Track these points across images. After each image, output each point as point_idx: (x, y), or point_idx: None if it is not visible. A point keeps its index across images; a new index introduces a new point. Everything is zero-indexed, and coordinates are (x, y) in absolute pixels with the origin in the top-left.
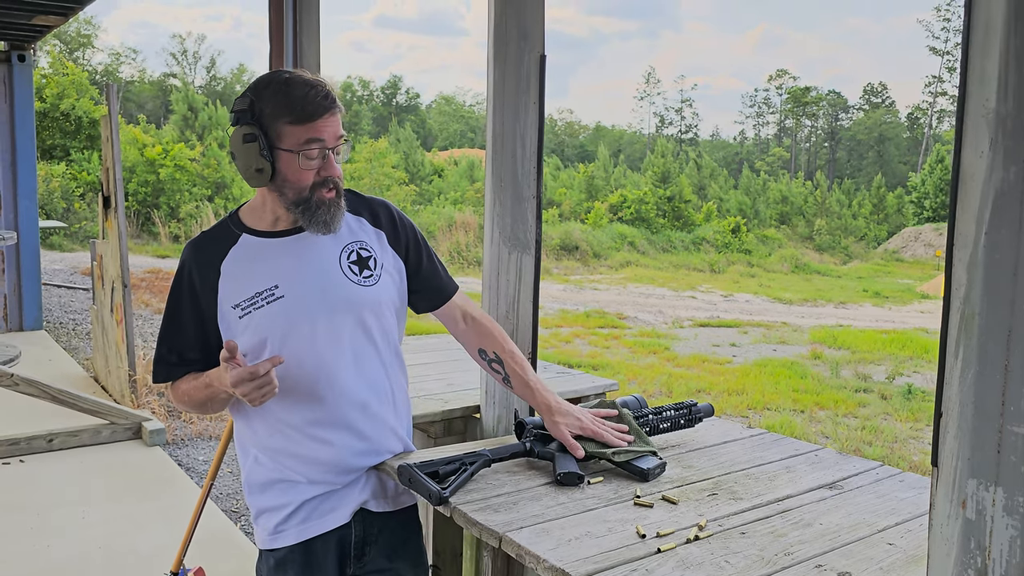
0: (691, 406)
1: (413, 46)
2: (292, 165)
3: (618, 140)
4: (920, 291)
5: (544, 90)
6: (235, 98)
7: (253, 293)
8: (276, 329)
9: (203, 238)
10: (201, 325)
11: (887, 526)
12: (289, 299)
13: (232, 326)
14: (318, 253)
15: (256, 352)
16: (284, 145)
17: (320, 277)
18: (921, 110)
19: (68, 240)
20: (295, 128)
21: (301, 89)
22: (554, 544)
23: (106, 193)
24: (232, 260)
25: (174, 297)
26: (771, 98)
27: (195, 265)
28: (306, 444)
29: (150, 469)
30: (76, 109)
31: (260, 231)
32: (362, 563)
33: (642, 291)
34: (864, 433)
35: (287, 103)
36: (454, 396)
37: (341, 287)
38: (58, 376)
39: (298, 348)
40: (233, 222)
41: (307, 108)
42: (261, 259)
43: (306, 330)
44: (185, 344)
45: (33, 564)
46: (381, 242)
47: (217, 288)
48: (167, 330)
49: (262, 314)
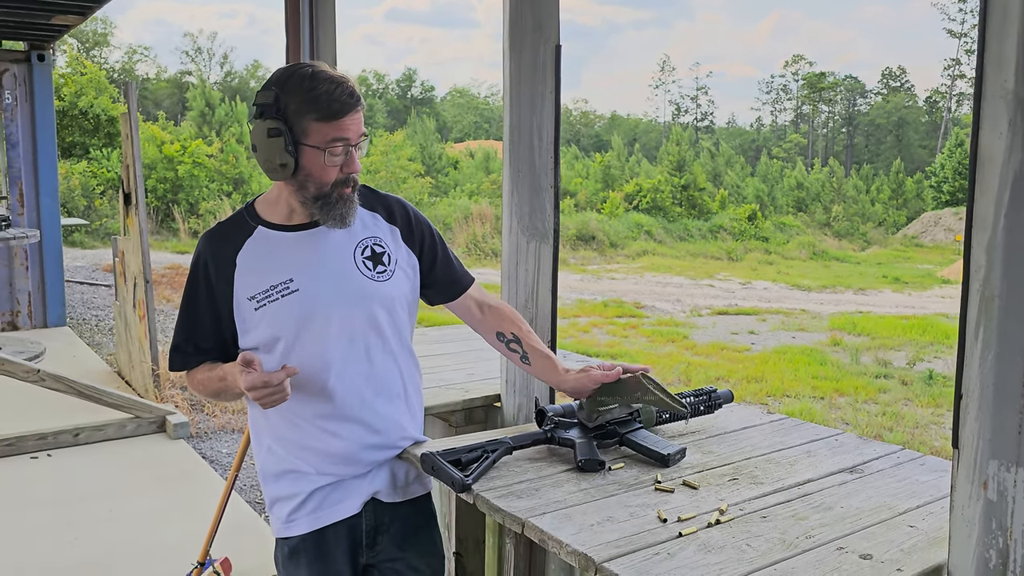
0: (711, 392)
1: (426, 39)
2: (316, 161)
3: (634, 129)
4: (940, 276)
5: (560, 80)
6: (257, 90)
7: (268, 286)
8: (290, 322)
9: (218, 230)
10: (216, 316)
11: (908, 509)
12: (304, 293)
13: (247, 318)
14: (333, 248)
15: (270, 344)
16: (309, 141)
17: (335, 272)
18: (940, 93)
19: (89, 237)
20: (321, 125)
21: (327, 85)
22: (576, 529)
23: (127, 190)
24: (248, 252)
25: (190, 288)
26: (788, 84)
27: (211, 257)
28: (317, 436)
29: (175, 462)
30: (95, 107)
31: (276, 224)
32: (374, 552)
33: (659, 280)
34: (885, 419)
35: (314, 100)
36: (474, 386)
37: (355, 282)
38: (82, 371)
39: (311, 342)
40: (249, 214)
41: (333, 106)
42: (276, 252)
43: (320, 324)
44: (200, 334)
45: (62, 557)
46: (395, 238)
47: (233, 280)
48: (183, 320)
49: (277, 307)
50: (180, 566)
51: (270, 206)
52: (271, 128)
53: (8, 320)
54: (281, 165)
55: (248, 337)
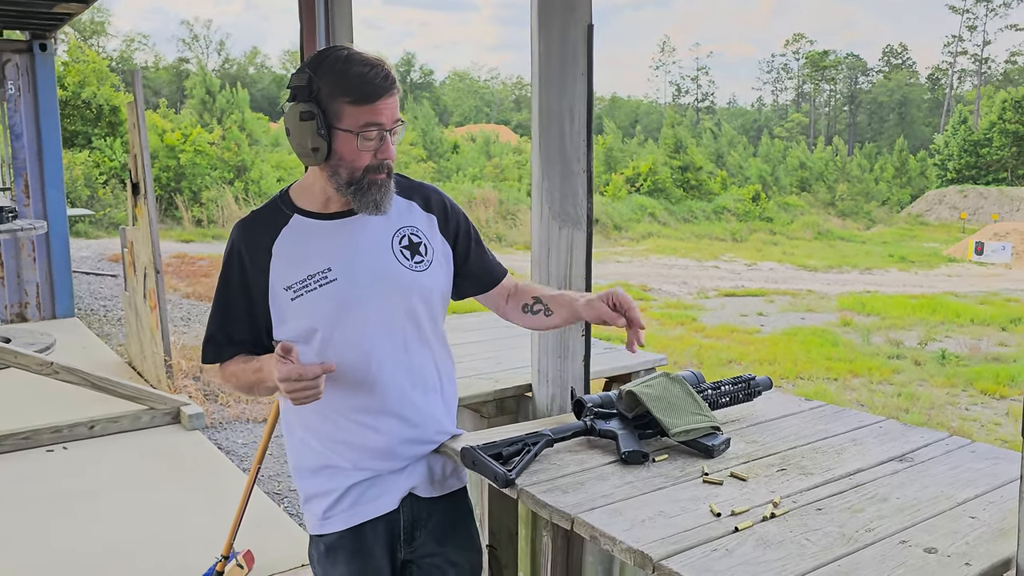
0: (749, 380)
1: (424, 22)
2: (349, 146)
3: (635, 111)
4: (946, 255)
5: (592, 61)
6: (292, 72)
7: (305, 275)
8: (327, 312)
9: (253, 218)
10: (251, 306)
11: (966, 499)
12: (342, 282)
13: (283, 307)
14: (370, 236)
15: (307, 335)
16: (342, 125)
17: (373, 261)
18: (941, 71)
19: (93, 227)
20: (354, 109)
21: (360, 68)
22: (628, 525)
23: (135, 179)
24: (284, 241)
25: (225, 278)
26: (788, 63)
27: (245, 245)
28: (354, 430)
29: (191, 453)
30: (97, 97)
31: (312, 212)
32: (412, 547)
33: (665, 262)
34: (901, 400)
35: (346, 82)
36: (504, 375)
37: (393, 272)
38: (93, 363)
39: (349, 332)
40: (284, 202)
41: (366, 89)
42: (313, 241)
43: (358, 314)
44: (235, 325)
45: (84, 548)
46: (432, 227)
47: (268, 269)
48: (217, 310)
49: (314, 297)
50: (202, 557)
51: (305, 193)
52: (304, 111)
53: (16, 312)
54: (313, 149)
55: (284, 328)
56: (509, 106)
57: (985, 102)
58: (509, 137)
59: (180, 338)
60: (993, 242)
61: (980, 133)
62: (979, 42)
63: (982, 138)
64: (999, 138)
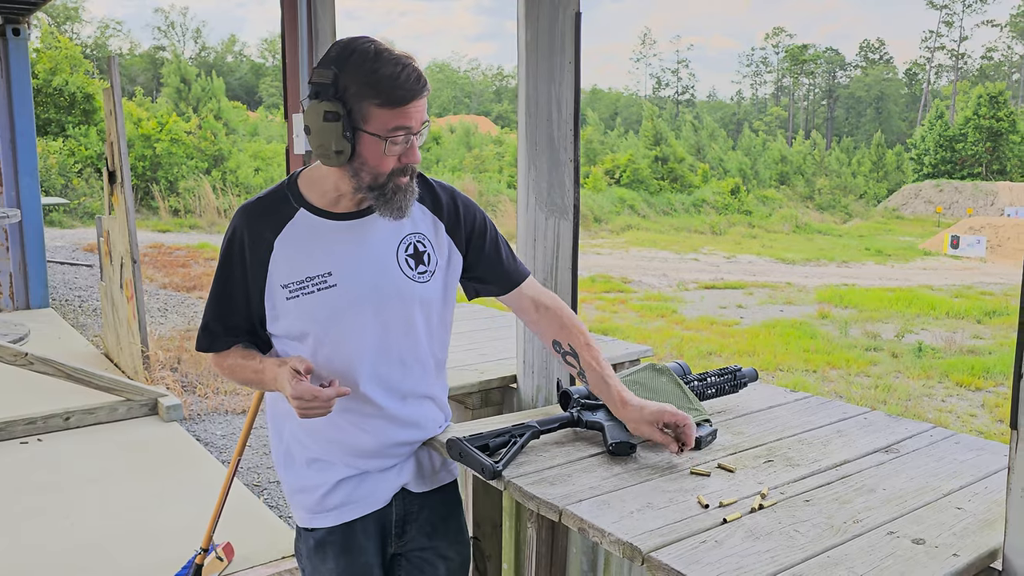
0: (735, 371)
1: (405, 12)
2: (375, 150)
3: (615, 103)
4: (922, 248)
5: (580, 49)
6: (316, 66)
7: (304, 277)
8: (323, 317)
9: (257, 206)
10: (247, 296)
11: (952, 490)
12: (341, 289)
13: (278, 305)
14: (376, 242)
15: (299, 336)
16: (369, 128)
17: (375, 270)
18: (919, 66)
19: (68, 216)
20: (383, 112)
21: (391, 68)
22: (616, 517)
23: (111, 168)
24: (287, 237)
25: (224, 265)
26: (768, 57)
27: (247, 235)
28: (345, 429)
29: (169, 445)
30: (70, 84)
31: (320, 209)
32: (403, 541)
33: (645, 254)
34: (878, 392)
35: (376, 84)
36: (489, 367)
37: (395, 281)
38: (68, 354)
39: (343, 338)
40: (292, 192)
41: (397, 92)
42: (317, 241)
43: (354, 322)
44: (231, 314)
45: (59, 543)
46: (438, 232)
47: (268, 264)
48: (216, 298)
49: (311, 300)
50: (179, 550)
51: (315, 186)
52: (328, 111)
53: None
54: (337, 152)
55: (277, 324)
56: (489, 97)
57: (961, 97)
58: (489, 128)
59: (157, 329)
60: (968, 236)
61: (956, 128)
62: (956, 37)
63: (957, 133)
64: (974, 133)
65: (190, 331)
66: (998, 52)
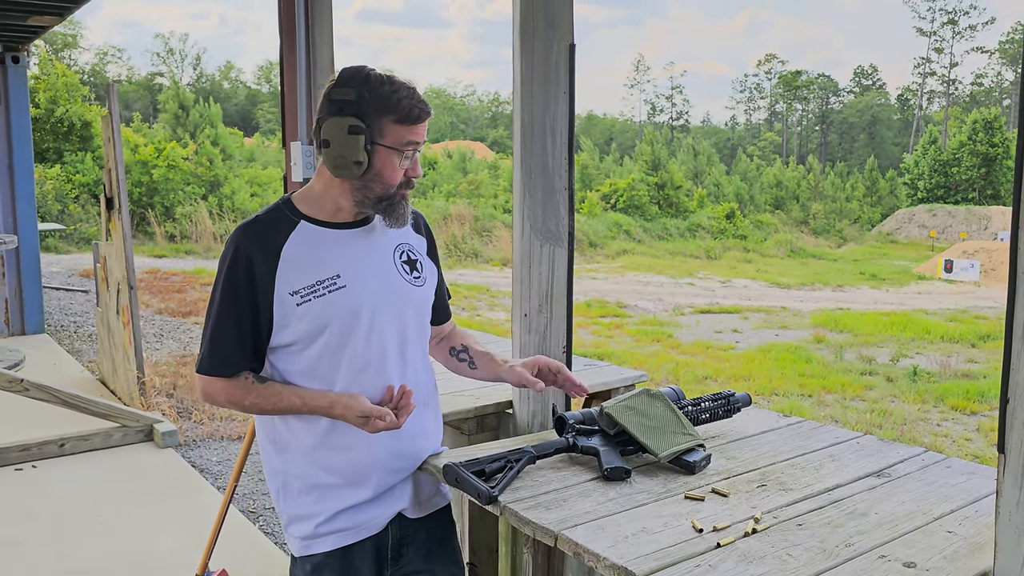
0: (729, 396)
1: (399, 39)
2: (389, 162)
3: (610, 128)
4: (916, 272)
5: (574, 80)
6: (329, 87)
7: (314, 281)
8: (336, 318)
9: (256, 223)
10: (255, 311)
11: (943, 513)
12: (351, 289)
13: (288, 313)
14: (376, 248)
15: (310, 339)
16: (386, 142)
17: (381, 271)
18: (911, 91)
19: (64, 242)
20: (399, 128)
21: (405, 91)
22: (611, 541)
23: (109, 194)
24: (293, 246)
25: (230, 284)
26: (761, 83)
27: (252, 249)
28: (347, 443)
29: (164, 471)
30: (69, 112)
31: (320, 220)
32: (398, 565)
33: (640, 279)
34: (874, 416)
35: (396, 102)
36: (484, 392)
37: (398, 284)
38: (63, 380)
39: (356, 340)
40: (288, 208)
41: (413, 111)
42: (322, 247)
43: (365, 322)
44: (243, 335)
45: (53, 570)
46: (422, 247)
47: (275, 274)
48: (222, 320)
49: (323, 303)
50: None
51: (311, 203)
52: (352, 125)
53: None
54: (356, 163)
55: (285, 332)
56: (485, 123)
57: (953, 123)
58: (485, 154)
59: (153, 355)
60: (962, 260)
61: (949, 153)
62: (946, 64)
63: (951, 158)
64: (969, 158)
65: (186, 357)
66: (988, 78)
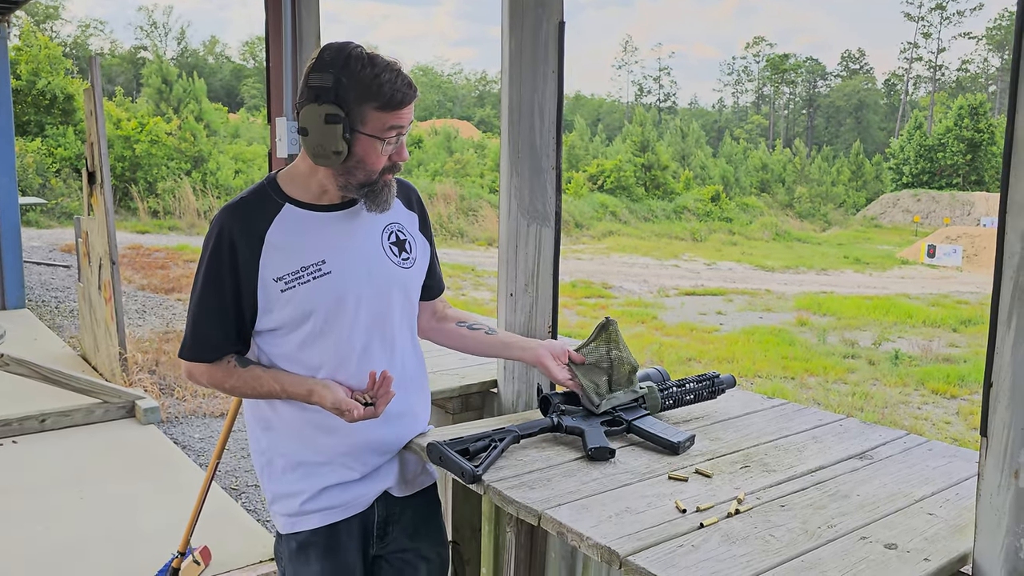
0: (714, 378)
1: (387, 15)
2: (371, 150)
3: (597, 109)
4: (900, 257)
5: (563, 58)
6: (308, 70)
7: (299, 267)
8: (321, 305)
9: (242, 204)
10: (239, 295)
11: (924, 496)
12: (336, 275)
13: (272, 298)
14: (363, 231)
15: (295, 324)
16: (366, 130)
17: (366, 256)
18: (897, 76)
19: (45, 217)
20: (381, 114)
21: (388, 74)
22: (595, 521)
23: (91, 168)
24: (277, 230)
25: (213, 267)
26: (749, 66)
27: (237, 232)
28: (332, 424)
29: (146, 448)
30: (51, 85)
31: (305, 203)
32: (384, 543)
33: (625, 260)
34: (855, 399)
35: (377, 88)
36: (469, 371)
37: (384, 267)
38: (45, 355)
39: (339, 326)
40: (273, 189)
41: (396, 96)
42: (307, 232)
43: (351, 307)
44: (226, 319)
45: (34, 547)
46: (413, 225)
47: (260, 258)
48: (206, 304)
49: (308, 289)
50: (156, 553)
51: (297, 183)
52: (329, 114)
53: None
54: (335, 152)
55: (270, 318)
56: (472, 102)
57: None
58: (471, 133)
59: (135, 331)
60: (945, 245)
61: (934, 138)
62: (934, 49)
63: (936, 143)
64: (954, 143)
65: (168, 333)
66: (974, 64)
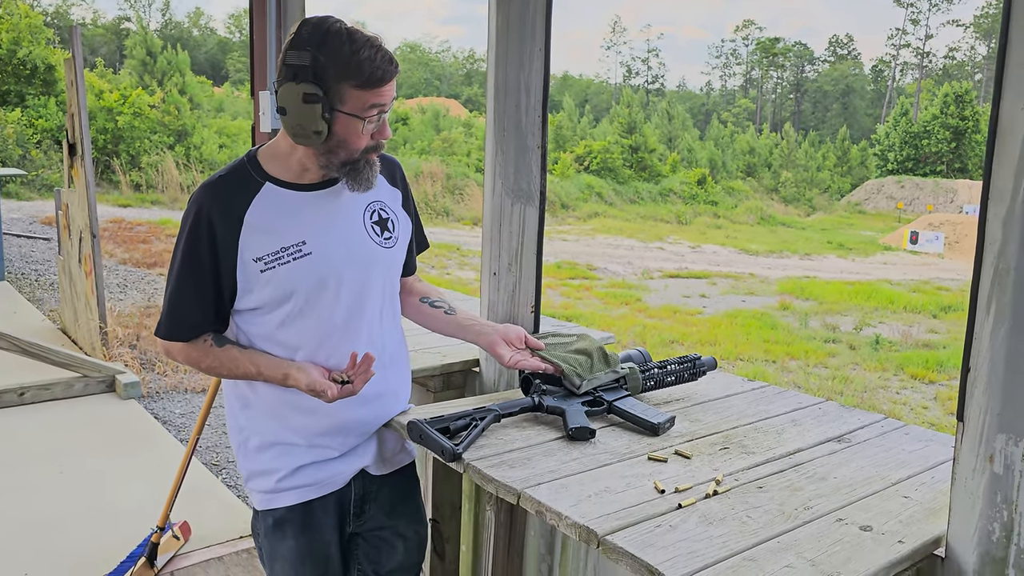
0: (695, 360)
1: None
2: (352, 129)
3: (585, 90)
4: (882, 243)
5: (551, 37)
6: (286, 48)
7: (279, 248)
8: (301, 286)
9: (220, 183)
10: (218, 275)
11: (900, 479)
12: (316, 256)
13: (251, 279)
14: (344, 210)
15: (275, 304)
16: (346, 109)
17: (347, 236)
18: (885, 63)
19: (25, 188)
20: (361, 93)
21: (368, 51)
22: (574, 500)
23: (71, 140)
24: (256, 210)
25: (191, 247)
26: (738, 49)
27: (215, 212)
28: (309, 404)
29: (126, 422)
30: (32, 55)
31: (285, 182)
32: (361, 520)
33: (611, 242)
34: (835, 383)
35: (356, 66)
36: (451, 350)
37: (365, 247)
38: (24, 328)
39: (319, 306)
40: (253, 167)
41: (376, 74)
42: (287, 212)
43: (331, 288)
44: (203, 299)
45: (12, 520)
46: (396, 201)
47: (239, 238)
48: (184, 283)
49: (288, 269)
50: (135, 528)
51: (278, 162)
52: (308, 93)
53: None
54: (315, 132)
55: (249, 298)
56: (459, 80)
57: (925, 95)
58: (459, 111)
59: (116, 305)
60: (927, 232)
61: (920, 125)
62: (922, 36)
63: (922, 130)
64: (939, 131)
65: (150, 308)
66: (961, 52)
